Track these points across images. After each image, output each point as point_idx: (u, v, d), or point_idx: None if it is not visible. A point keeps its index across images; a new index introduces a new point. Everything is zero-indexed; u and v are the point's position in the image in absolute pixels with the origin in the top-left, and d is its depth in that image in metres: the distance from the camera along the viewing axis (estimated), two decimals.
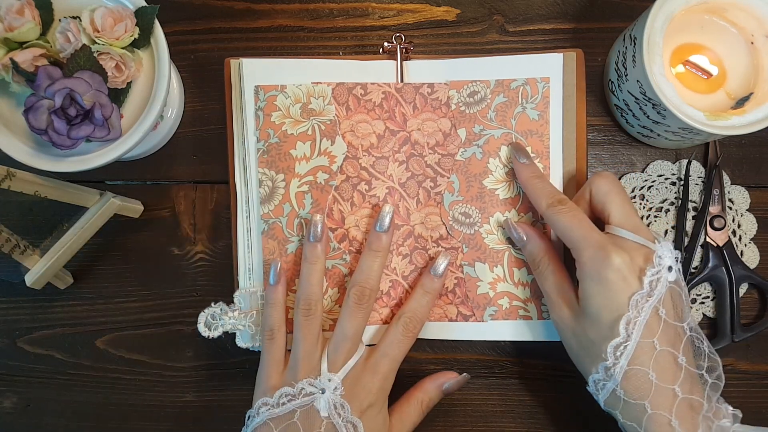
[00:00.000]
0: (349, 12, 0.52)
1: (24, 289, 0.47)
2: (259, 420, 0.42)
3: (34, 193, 0.45)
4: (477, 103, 0.49)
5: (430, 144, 0.49)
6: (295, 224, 0.48)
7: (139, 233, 0.52)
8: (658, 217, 0.51)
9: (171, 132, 0.52)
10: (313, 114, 0.48)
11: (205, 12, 0.52)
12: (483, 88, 0.49)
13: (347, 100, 0.49)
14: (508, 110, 0.49)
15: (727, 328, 0.49)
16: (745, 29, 0.46)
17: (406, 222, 0.49)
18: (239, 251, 0.49)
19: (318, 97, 0.48)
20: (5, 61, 0.40)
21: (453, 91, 0.49)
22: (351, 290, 0.44)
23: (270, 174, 0.48)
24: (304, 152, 0.48)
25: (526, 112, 0.49)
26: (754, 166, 0.51)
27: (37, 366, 0.52)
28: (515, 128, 0.49)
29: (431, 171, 0.49)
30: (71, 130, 0.40)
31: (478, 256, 0.49)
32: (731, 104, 0.46)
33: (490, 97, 0.49)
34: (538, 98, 0.48)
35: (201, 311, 0.48)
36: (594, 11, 0.52)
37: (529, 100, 0.49)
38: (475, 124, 0.49)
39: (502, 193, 0.49)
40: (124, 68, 0.42)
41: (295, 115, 0.48)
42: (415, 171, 0.49)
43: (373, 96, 0.49)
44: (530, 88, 0.49)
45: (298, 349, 0.44)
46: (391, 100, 0.49)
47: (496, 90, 0.49)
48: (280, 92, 0.48)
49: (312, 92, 0.48)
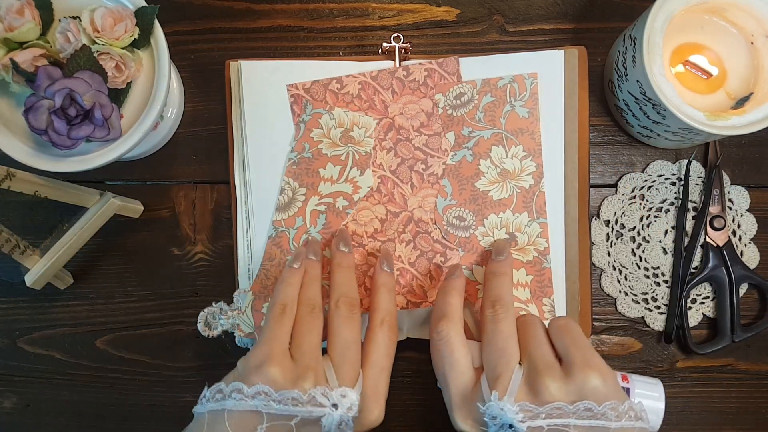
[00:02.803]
0: (349, 12, 0.52)
1: (24, 289, 0.47)
2: (252, 404, 0.37)
3: (34, 193, 0.45)
4: (464, 105, 0.49)
5: (415, 126, 0.49)
6: (302, 239, 0.48)
7: (139, 233, 0.52)
8: (658, 217, 0.51)
9: (171, 132, 0.52)
10: (352, 141, 0.48)
11: (205, 12, 0.52)
12: (469, 89, 0.49)
13: (324, 96, 0.49)
14: (497, 109, 0.48)
15: (727, 328, 0.49)
16: (745, 29, 0.46)
17: (404, 208, 0.49)
18: (239, 251, 0.49)
19: (362, 128, 0.48)
20: (5, 61, 0.40)
21: (439, 94, 0.49)
22: (339, 302, 0.43)
23: (293, 185, 0.48)
24: (332, 174, 0.48)
25: (515, 110, 0.48)
26: (754, 166, 0.51)
27: (37, 366, 0.52)
28: (505, 127, 0.48)
29: (420, 153, 0.49)
30: (71, 130, 0.40)
31: (475, 259, 0.48)
32: (731, 104, 0.46)
33: (477, 98, 0.48)
34: (526, 95, 0.48)
35: (201, 311, 0.48)
36: (594, 11, 0.52)
37: (517, 98, 0.48)
38: (464, 127, 0.49)
39: (496, 194, 0.48)
40: (124, 68, 0.42)
41: (335, 138, 0.48)
42: (405, 156, 0.49)
43: (349, 88, 0.49)
44: (518, 85, 0.48)
45: (312, 343, 0.40)
46: (369, 89, 0.49)
47: (483, 90, 0.48)
48: (327, 112, 0.48)
49: (357, 121, 0.48)
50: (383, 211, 0.49)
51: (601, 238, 0.51)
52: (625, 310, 0.51)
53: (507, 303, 0.42)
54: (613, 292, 0.51)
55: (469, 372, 0.41)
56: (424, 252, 0.48)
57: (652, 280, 0.51)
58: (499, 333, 0.41)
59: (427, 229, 0.49)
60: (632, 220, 0.51)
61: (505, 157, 0.48)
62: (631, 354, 0.51)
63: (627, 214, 0.51)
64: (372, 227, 0.48)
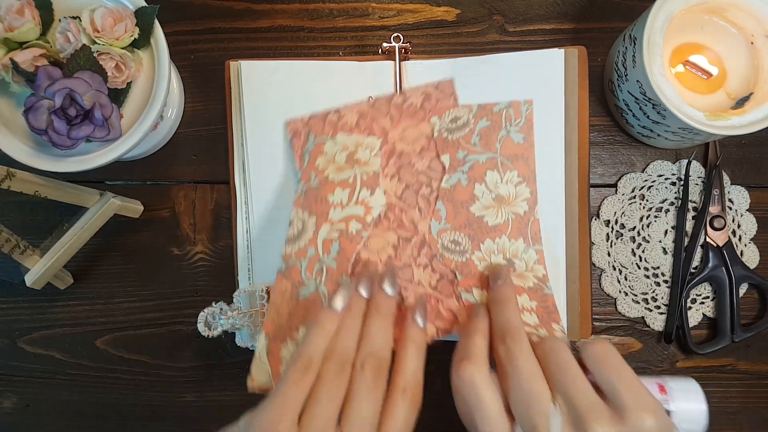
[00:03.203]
0: (349, 12, 0.52)
1: (24, 289, 0.47)
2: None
3: (34, 193, 0.45)
4: (460, 129, 0.48)
5: (416, 150, 0.48)
6: (315, 269, 0.46)
7: (139, 233, 0.52)
8: (658, 217, 0.51)
9: (171, 132, 0.52)
10: (358, 164, 0.47)
11: (205, 12, 0.52)
12: (465, 113, 0.48)
13: (323, 128, 0.48)
14: (492, 134, 0.48)
15: (727, 328, 0.49)
16: (745, 29, 0.46)
17: (414, 233, 0.47)
18: (239, 251, 0.49)
19: (366, 148, 0.47)
20: (5, 61, 0.40)
21: (435, 117, 0.48)
22: (365, 363, 0.36)
23: (302, 215, 0.47)
24: (342, 199, 0.47)
25: (511, 136, 0.47)
26: (754, 166, 0.51)
27: (37, 366, 0.52)
28: (500, 152, 0.47)
29: (424, 177, 0.48)
30: (71, 130, 0.40)
31: (474, 282, 0.47)
32: (731, 104, 0.46)
33: (473, 122, 0.48)
34: (521, 122, 0.48)
35: (201, 311, 0.48)
36: (594, 11, 0.52)
37: (513, 124, 0.48)
38: (459, 150, 0.48)
39: (491, 219, 0.47)
40: (124, 68, 0.42)
41: (340, 162, 0.47)
42: (409, 181, 0.48)
43: (348, 118, 0.48)
44: (513, 111, 0.48)
45: (331, 408, 0.34)
46: (367, 117, 0.48)
47: (480, 114, 0.48)
48: (329, 138, 0.48)
49: (361, 142, 0.48)
50: (395, 237, 0.47)
51: (601, 238, 0.51)
52: (625, 310, 0.51)
53: (518, 334, 0.38)
54: (613, 292, 0.51)
55: (502, 419, 0.36)
56: (444, 274, 0.47)
57: (652, 280, 0.51)
58: (520, 372, 0.36)
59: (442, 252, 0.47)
60: (632, 220, 0.51)
61: (500, 183, 0.47)
62: (631, 354, 0.51)
63: (627, 214, 0.51)
64: (386, 254, 0.47)
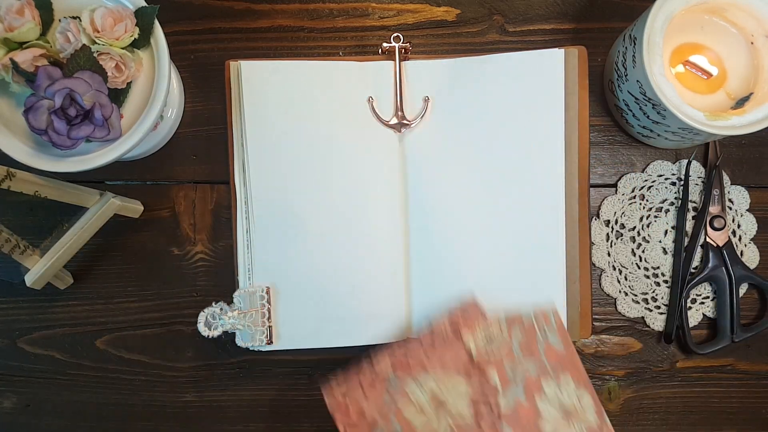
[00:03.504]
0: (349, 12, 0.52)
1: (24, 289, 0.47)
2: None
3: (34, 193, 0.45)
4: (497, 346, 0.45)
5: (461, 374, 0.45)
6: None
7: (139, 233, 0.52)
8: (658, 217, 0.51)
9: (171, 132, 0.52)
10: (450, 414, 0.44)
11: (205, 12, 0.52)
12: (496, 329, 0.45)
13: (360, 383, 0.45)
14: (531, 343, 0.45)
15: (727, 328, 0.49)
16: (745, 29, 0.46)
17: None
18: (239, 251, 0.49)
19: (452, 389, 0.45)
20: (5, 61, 0.40)
21: (468, 335, 0.45)
22: None
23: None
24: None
25: (550, 342, 0.45)
26: (754, 166, 0.51)
27: (37, 366, 0.52)
28: (547, 360, 0.45)
29: (481, 402, 0.45)
30: (71, 130, 0.40)
31: None
32: (731, 104, 0.46)
33: (507, 334, 0.45)
34: (552, 325, 0.45)
35: (201, 311, 0.48)
36: (594, 11, 0.52)
37: (548, 329, 0.45)
38: (505, 363, 0.45)
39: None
40: (124, 68, 0.42)
41: (428, 412, 0.44)
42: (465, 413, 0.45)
43: (381, 367, 0.45)
44: (542, 315, 0.46)
45: None
46: (402, 367, 0.45)
47: (510, 325, 0.45)
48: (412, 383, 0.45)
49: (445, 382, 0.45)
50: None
51: (601, 238, 0.51)
52: (625, 310, 0.51)
53: None
54: (613, 292, 0.51)
55: None
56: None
57: (652, 280, 0.51)
58: None
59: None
60: (632, 220, 0.51)
61: (559, 392, 0.45)
62: (631, 354, 0.51)
63: (627, 214, 0.51)
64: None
